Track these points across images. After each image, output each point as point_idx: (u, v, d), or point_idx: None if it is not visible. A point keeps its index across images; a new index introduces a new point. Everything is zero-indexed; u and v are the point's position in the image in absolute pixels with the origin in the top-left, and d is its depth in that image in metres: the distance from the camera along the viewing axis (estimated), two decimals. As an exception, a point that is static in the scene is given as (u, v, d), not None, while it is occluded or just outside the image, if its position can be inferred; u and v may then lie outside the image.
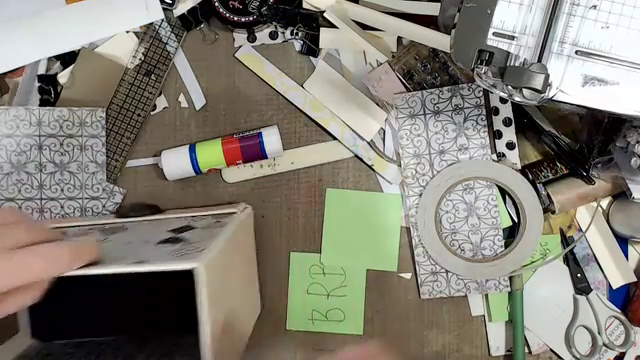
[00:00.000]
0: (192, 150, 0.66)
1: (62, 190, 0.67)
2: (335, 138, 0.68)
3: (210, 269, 0.45)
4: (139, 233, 0.57)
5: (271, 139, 0.66)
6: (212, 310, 0.45)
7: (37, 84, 0.67)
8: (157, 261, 0.45)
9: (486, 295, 0.68)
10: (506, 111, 0.66)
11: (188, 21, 0.68)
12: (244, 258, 0.63)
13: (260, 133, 0.66)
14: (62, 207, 0.67)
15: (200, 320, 0.45)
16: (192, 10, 0.67)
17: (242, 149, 0.66)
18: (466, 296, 0.68)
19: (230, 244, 0.54)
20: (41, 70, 0.67)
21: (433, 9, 0.64)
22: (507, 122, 0.66)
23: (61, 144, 0.66)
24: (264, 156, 0.66)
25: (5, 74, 0.67)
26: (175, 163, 0.66)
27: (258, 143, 0.66)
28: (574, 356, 0.68)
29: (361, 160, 0.68)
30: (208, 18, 0.68)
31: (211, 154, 0.66)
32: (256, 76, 0.68)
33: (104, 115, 0.67)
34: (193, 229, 0.57)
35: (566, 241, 0.68)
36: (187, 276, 0.44)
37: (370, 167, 0.68)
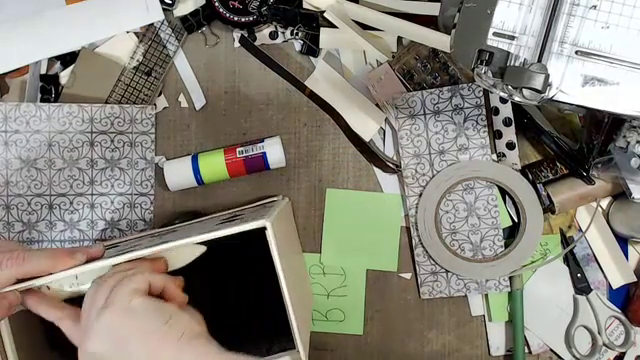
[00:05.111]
0: (195, 161, 0.66)
1: (112, 186, 0.67)
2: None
3: (275, 227, 0.50)
4: (193, 229, 0.58)
5: (274, 150, 0.66)
6: (282, 261, 0.50)
7: (40, 84, 0.67)
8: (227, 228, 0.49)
9: (486, 295, 0.68)
10: (506, 111, 0.66)
11: (190, 24, 0.67)
12: (293, 244, 0.65)
13: (263, 147, 0.66)
14: (112, 202, 0.67)
15: (276, 268, 0.50)
16: (194, 12, 0.67)
17: (245, 163, 0.66)
18: (466, 296, 0.68)
19: (281, 220, 0.57)
20: (41, 70, 0.67)
21: (433, 9, 0.64)
22: (507, 122, 0.66)
23: (112, 141, 0.67)
24: (267, 167, 0.66)
25: (5, 74, 0.67)
26: (178, 175, 0.66)
27: (261, 156, 0.66)
28: (574, 356, 0.68)
29: (362, 154, 0.68)
30: (210, 21, 0.68)
31: (214, 167, 0.66)
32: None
33: (153, 112, 0.67)
34: (243, 216, 0.59)
35: (566, 241, 0.68)
36: (250, 241, 0.50)
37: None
